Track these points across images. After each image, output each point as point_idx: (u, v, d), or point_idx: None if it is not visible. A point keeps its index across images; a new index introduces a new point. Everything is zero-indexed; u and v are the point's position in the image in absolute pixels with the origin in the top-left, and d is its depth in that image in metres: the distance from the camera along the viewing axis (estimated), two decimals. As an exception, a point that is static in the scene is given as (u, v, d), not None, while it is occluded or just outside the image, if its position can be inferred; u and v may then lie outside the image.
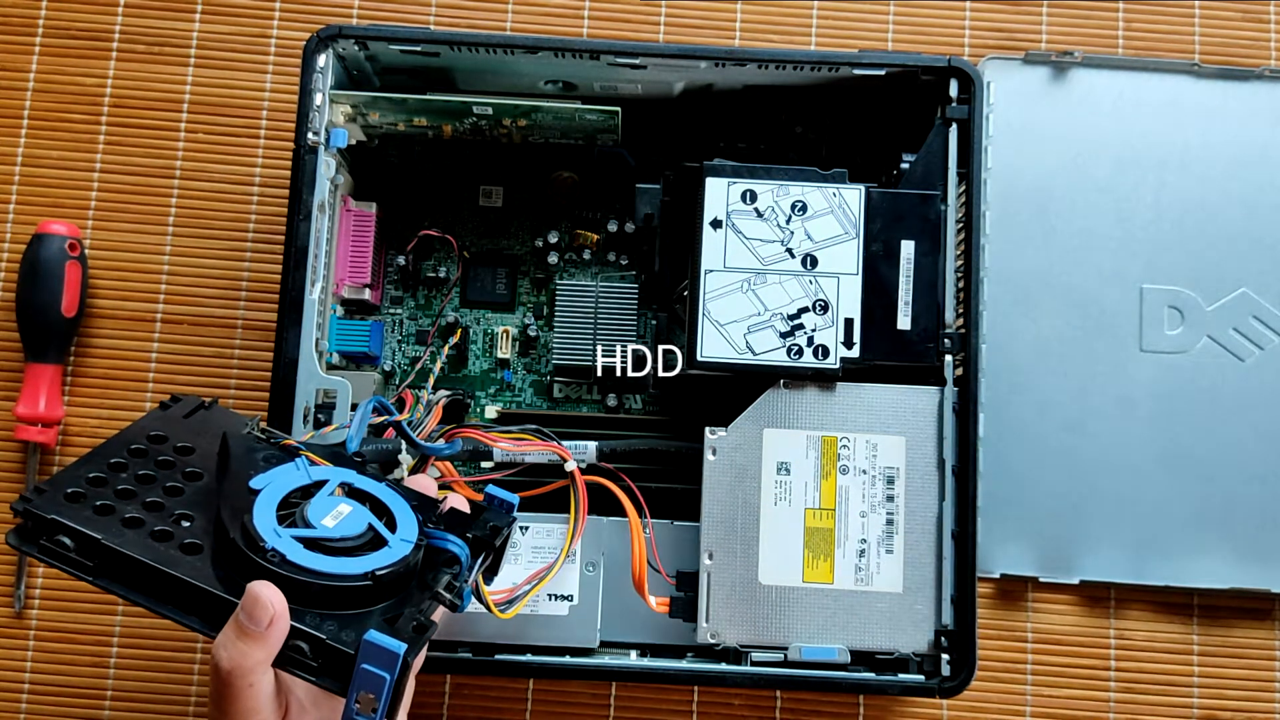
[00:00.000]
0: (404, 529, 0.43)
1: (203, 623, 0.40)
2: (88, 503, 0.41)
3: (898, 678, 0.54)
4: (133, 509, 0.42)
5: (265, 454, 0.46)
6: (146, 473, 0.44)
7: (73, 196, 0.67)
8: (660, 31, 0.69)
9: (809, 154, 0.63)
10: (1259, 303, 0.65)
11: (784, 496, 0.54)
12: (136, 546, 0.40)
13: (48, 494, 0.41)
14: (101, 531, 0.40)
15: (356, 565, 0.41)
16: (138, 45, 0.68)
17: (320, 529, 0.42)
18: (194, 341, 0.66)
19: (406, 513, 0.44)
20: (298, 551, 0.40)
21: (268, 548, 0.40)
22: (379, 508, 0.44)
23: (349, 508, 0.43)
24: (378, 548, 0.42)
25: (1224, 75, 0.67)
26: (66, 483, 0.42)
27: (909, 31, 0.69)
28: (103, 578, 0.40)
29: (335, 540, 0.41)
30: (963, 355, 0.55)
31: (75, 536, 0.40)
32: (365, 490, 0.45)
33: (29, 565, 0.64)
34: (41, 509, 0.40)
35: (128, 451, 0.44)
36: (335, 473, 0.45)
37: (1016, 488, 0.64)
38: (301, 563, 0.40)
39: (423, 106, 0.58)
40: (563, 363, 0.60)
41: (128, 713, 0.63)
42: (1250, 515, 0.63)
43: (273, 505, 0.42)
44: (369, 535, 0.42)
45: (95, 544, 0.40)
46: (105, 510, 0.41)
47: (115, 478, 0.43)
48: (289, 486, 0.43)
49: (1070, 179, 0.66)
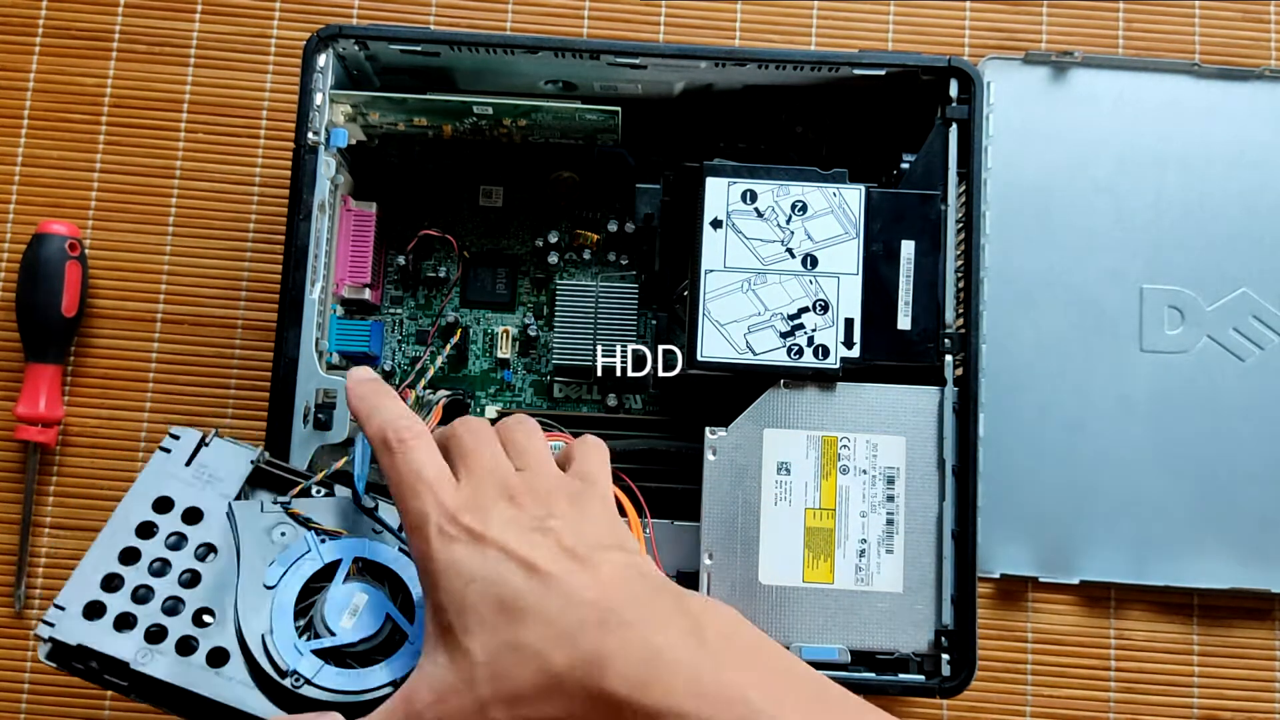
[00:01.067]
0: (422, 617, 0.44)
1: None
2: (107, 616, 0.42)
3: (898, 678, 0.54)
4: (152, 616, 0.42)
5: (276, 525, 0.45)
6: (159, 559, 0.44)
7: (73, 196, 0.67)
8: (660, 31, 0.69)
9: (809, 154, 0.63)
10: (1259, 303, 0.65)
11: (784, 496, 0.54)
12: (163, 667, 0.41)
13: (67, 612, 0.42)
14: (127, 654, 0.41)
15: (377, 677, 0.41)
16: (138, 45, 0.68)
17: (340, 634, 0.42)
18: (194, 341, 0.66)
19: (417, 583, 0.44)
20: (319, 671, 0.41)
21: (288, 670, 0.41)
22: (395, 585, 0.44)
23: (365, 596, 0.43)
24: (397, 643, 0.43)
25: (1224, 75, 0.67)
26: (84, 591, 0.42)
27: (909, 31, 0.69)
28: (140, 694, 0.41)
29: (354, 645, 0.42)
30: (963, 355, 0.55)
31: (102, 661, 0.41)
32: (380, 563, 0.45)
33: (29, 565, 0.64)
34: (65, 635, 0.41)
35: (136, 532, 0.44)
36: (347, 548, 0.45)
37: (1016, 488, 0.64)
38: (323, 683, 0.41)
39: (423, 106, 0.58)
40: (563, 363, 0.60)
41: (128, 713, 0.63)
42: (1250, 515, 0.63)
43: (290, 607, 0.42)
44: (387, 629, 0.43)
45: (124, 668, 0.41)
46: (126, 622, 0.42)
47: (129, 573, 0.43)
48: (304, 577, 0.43)
49: (1070, 179, 0.66)
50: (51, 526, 0.64)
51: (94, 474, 0.65)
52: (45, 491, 0.65)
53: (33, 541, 0.64)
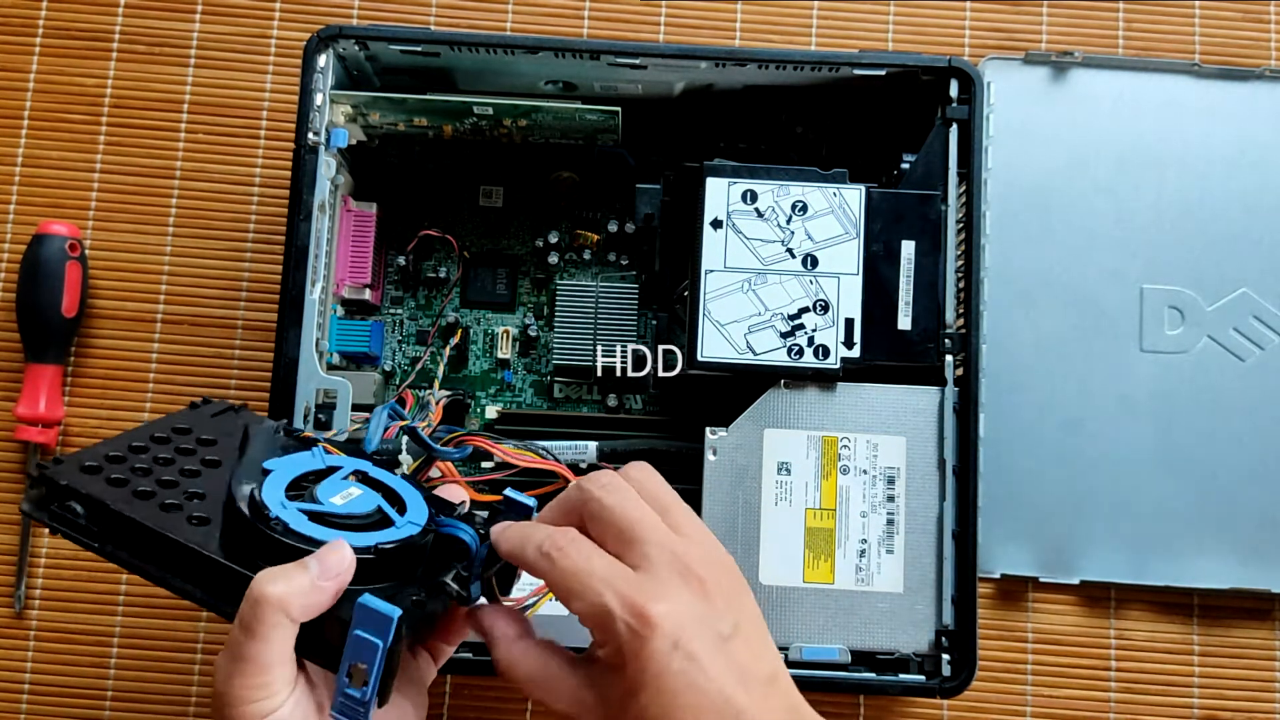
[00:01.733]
0: (413, 513, 0.43)
1: (205, 593, 0.39)
2: (102, 475, 0.42)
3: (898, 678, 0.54)
4: (146, 484, 0.42)
5: (284, 444, 0.46)
6: (165, 456, 0.44)
7: (73, 196, 0.67)
8: (660, 31, 0.69)
9: (809, 154, 0.63)
10: (1259, 303, 0.65)
11: (784, 496, 0.54)
12: (143, 513, 0.40)
13: (66, 463, 0.42)
14: (111, 499, 0.40)
15: (361, 539, 0.40)
16: (138, 45, 0.68)
17: (327, 505, 0.41)
18: (194, 341, 0.66)
19: (418, 501, 0.44)
20: (302, 522, 0.40)
21: (271, 515, 0.40)
22: (391, 496, 0.44)
23: (359, 491, 0.43)
24: (384, 527, 0.41)
25: (1224, 75, 0.67)
26: (85, 457, 0.42)
27: (909, 31, 0.69)
28: (108, 545, 0.40)
29: (341, 517, 0.41)
30: (963, 355, 0.55)
31: (86, 503, 0.40)
32: (379, 480, 0.44)
33: (29, 565, 0.64)
34: (56, 475, 0.41)
35: (150, 438, 0.45)
36: (350, 461, 0.45)
37: (1016, 488, 0.64)
38: (305, 532, 0.39)
39: (423, 106, 0.58)
40: (563, 363, 0.60)
41: (128, 713, 0.63)
42: (1250, 515, 0.63)
43: (283, 483, 0.42)
44: (376, 516, 0.42)
45: (104, 510, 0.40)
46: (119, 483, 0.42)
47: (134, 457, 0.43)
48: (301, 469, 0.43)
49: (1070, 179, 0.66)
50: (51, 527, 0.64)
51: (94, 474, 0.65)
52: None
53: (33, 541, 0.64)
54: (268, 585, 0.36)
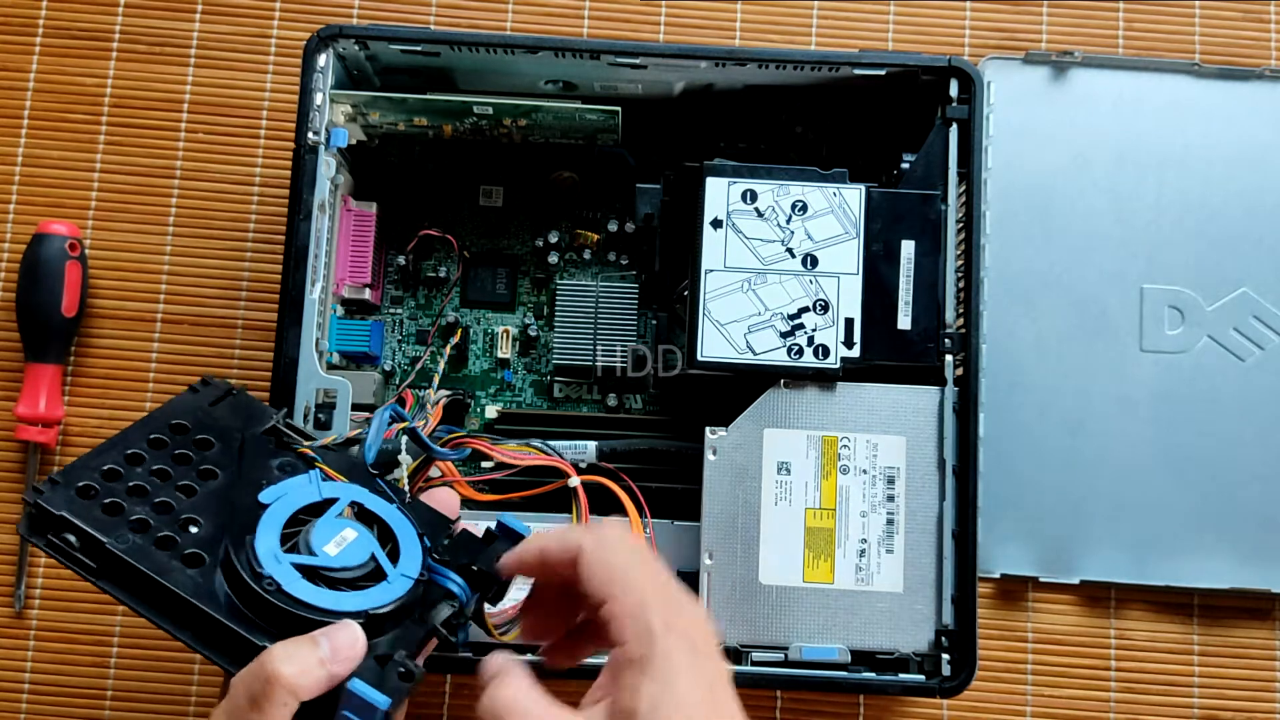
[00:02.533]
0: (407, 562, 0.43)
1: (194, 638, 0.39)
2: (98, 499, 0.41)
3: (898, 678, 0.54)
4: (142, 509, 0.42)
5: (281, 461, 0.46)
6: (161, 467, 0.44)
7: (73, 196, 0.67)
8: (660, 31, 0.69)
9: (809, 154, 0.63)
10: (1259, 303, 0.65)
11: (784, 496, 0.54)
12: (138, 554, 0.40)
13: (60, 487, 0.41)
14: (106, 534, 0.40)
15: (351, 602, 0.40)
16: (138, 45, 0.68)
17: (321, 556, 0.41)
18: (194, 341, 0.66)
19: (412, 543, 0.44)
20: (294, 581, 0.40)
21: (264, 574, 0.40)
22: (386, 532, 0.44)
23: (354, 533, 0.43)
24: (377, 581, 0.41)
25: (1224, 75, 0.67)
26: (80, 475, 0.42)
27: (909, 31, 0.69)
28: (104, 580, 0.40)
29: (335, 570, 0.41)
30: (963, 355, 0.55)
31: (80, 535, 0.40)
32: (375, 513, 0.44)
33: (29, 565, 0.64)
34: (51, 504, 0.40)
35: (147, 442, 0.44)
36: (346, 491, 0.45)
37: (1016, 488, 0.64)
38: (297, 594, 0.39)
39: (423, 106, 0.58)
40: (563, 363, 0.60)
41: (128, 713, 0.63)
42: (1250, 515, 0.63)
43: (278, 524, 0.42)
44: (370, 567, 0.42)
45: (98, 546, 0.40)
46: (114, 509, 0.41)
47: (130, 472, 0.43)
48: (298, 504, 0.43)
49: (1070, 179, 0.66)
50: (51, 526, 0.64)
51: (94, 474, 0.65)
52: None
53: (33, 541, 0.64)
54: (282, 665, 0.36)
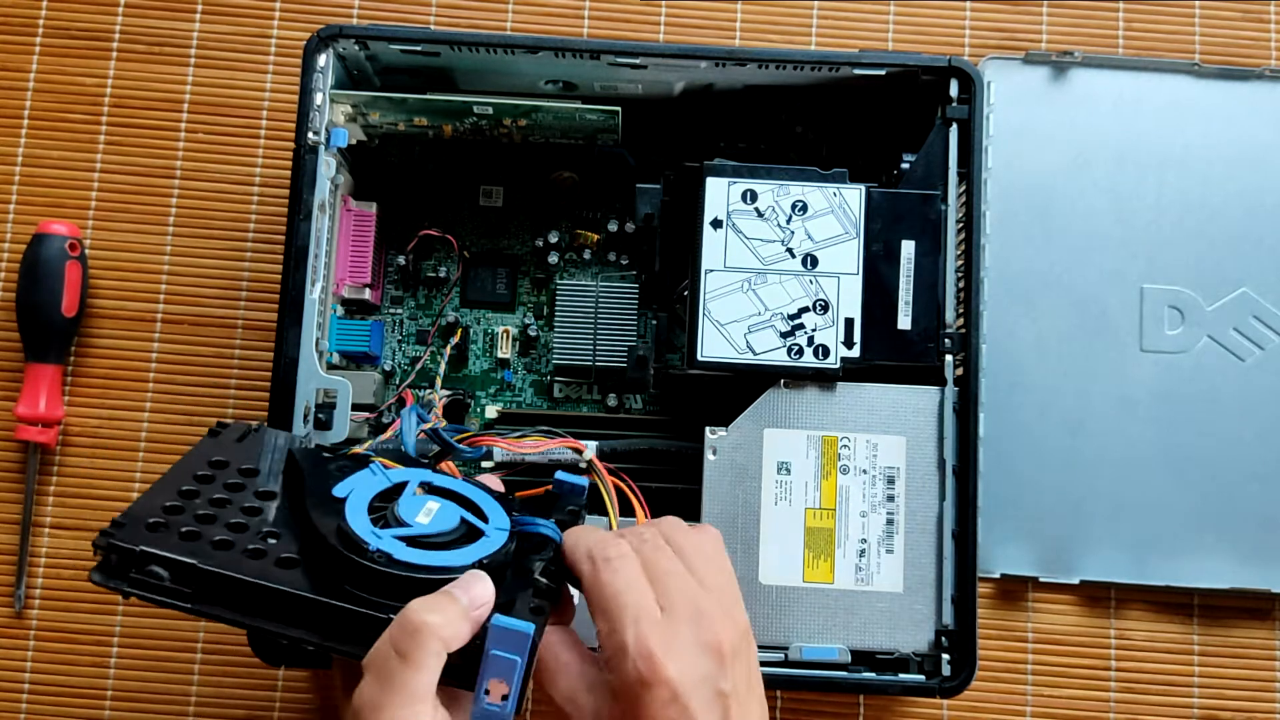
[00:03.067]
0: (495, 519, 0.43)
1: (310, 632, 0.39)
2: (172, 531, 0.40)
3: (898, 678, 0.54)
4: (218, 532, 0.41)
5: (336, 464, 0.46)
6: (220, 497, 0.43)
7: (73, 196, 0.67)
8: (660, 31, 0.69)
9: (809, 154, 0.63)
10: (1259, 303, 0.65)
11: (784, 496, 0.54)
12: (233, 566, 0.39)
13: (128, 527, 0.40)
14: (197, 556, 0.39)
15: (462, 557, 0.40)
16: (138, 45, 0.68)
17: (417, 526, 0.41)
18: (194, 341, 0.66)
19: (492, 503, 0.44)
20: (402, 550, 0.40)
21: (371, 549, 0.39)
22: (463, 502, 0.44)
23: (437, 504, 0.43)
24: (475, 539, 0.42)
25: (1224, 75, 0.67)
26: (144, 513, 0.41)
27: (909, 31, 0.69)
28: (202, 604, 0.39)
29: (434, 536, 0.41)
30: (963, 355, 0.55)
31: (170, 566, 0.39)
32: (446, 487, 0.45)
33: (29, 565, 0.64)
34: (128, 541, 0.39)
35: (194, 478, 0.43)
36: (412, 473, 0.45)
37: (1016, 488, 0.64)
38: (411, 560, 0.39)
39: (423, 106, 0.58)
40: (563, 363, 0.60)
41: (128, 713, 0.63)
42: (1250, 515, 0.63)
43: (363, 509, 0.42)
44: (464, 529, 0.42)
45: (193, 570, 0.39)
46: (191, 536, 0.40)
47: (191, 504, 0.42)
48: (372, 491, 0.43)
49: (1070, 179, 0.66)
50: (51, 526, 0.64)
51: (94, 474, 0.65)
52: (45, 491, 0.65)
53: (33, 541, 0.64)
54: (427, 615, 0.37)
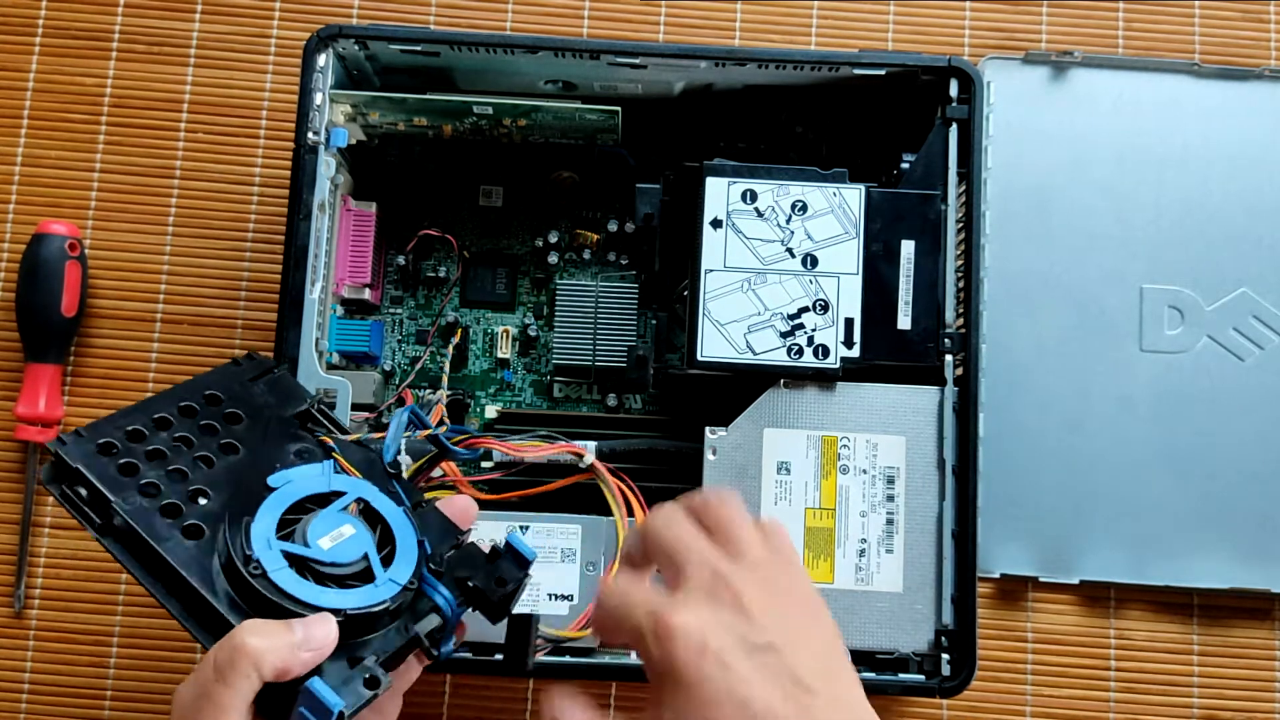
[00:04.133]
0: (400, 567, 0.42)
1: (180, 609, 0.40)
2: (116, 457, 0.42)
3: (898, 677, 0.54)
4: (155, 474, 0.43)
5: (300, 446, 0.46)
6: (185, 435, 0.45)
7: (73, 196, 0.67)
8: (660, 31, 0.69)
9: (809, 154, 0.63)
10: (1259, 303, 0.65)
11: (784, 496, 0.54)
12: (139, 517, 0.41)
13: (83, 440, 0.42)
14: (114, 492, 0.41)
15: (333, 599, 0.40)
16: (138, 45, 0.68)
17: (314, 549, 0.41)
18: (194, 341, 0.66)
19: (410, 548, 0.43)
20: (280, 570, 0.40)
21: (254, 556, 0.40)
22: (385, 537, 0.44)
23: (352, 530, 0.43)
24: (365, 581, 0.41)
25: (1224, 75, 0.67)
26: (105, 431, 0.43)
27: (909, 31, 0.69)
28: (107, 538, 0.41)
29: (324, 564, 0.41)
30: (963, 355, 0.55)
31: (91, 490, 0.41)
32: (378, 512, 0.44)
33: (29, 565, 0.64)
34: (69, 455, 0.42)
35: (178, 408, 0.45)
36: (355, 486, 0.45)
37: (1016, 488, 0.64)
38: (280, 583, 0.40)
39: (423, 106, 0.58)
40: (563, 363, 0.60)
41: (128, 713, 0.63)
42: (1250, 515, 0.63)
43: (279, 509, 0.42)
44: (360, 565, 0.42)
45: (105, 503, 0.41)
46: (129, 470, 0.42)
47: (154, 435, 0.44)
48: (303, 492, 0.43)
49: (1070, 179, 0.66)
50: (51, 526, 0.64)
51: (94, 474, 0.65)
52: (45, 491, 0.65)
53: (32, 541, 0.64)
54: (250, 637, 0.37)
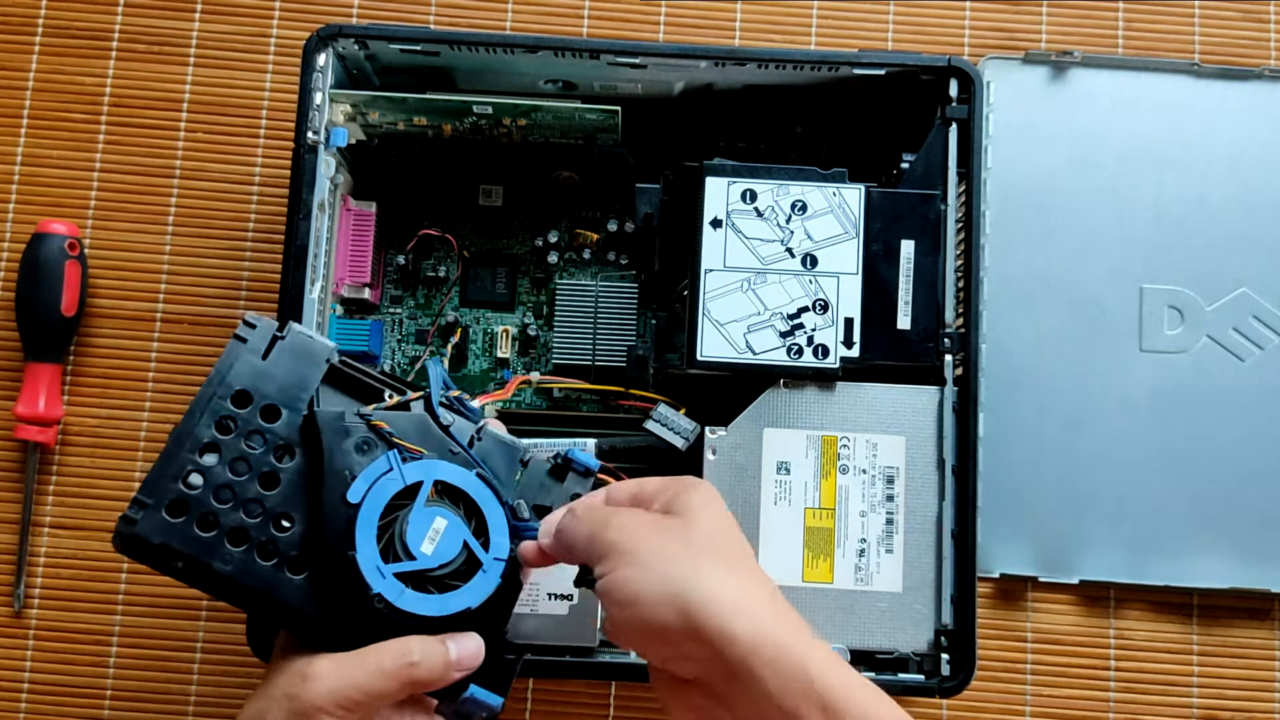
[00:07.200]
0: (496, 542, 0.45)
1: (303, 634, 0.44)
2: (191, 515, 0.43)
3: (897, 677, 0.54)
4: (234, 516, 0.43)
5: (358, 440, 0.45)
6: (238, 454, 0.45)
7: (73, 196, 0.67)
8: (660, 31, 0.69)
9: (809, 154, 0.63)
10: (1259, 303, 0.65)
11: (784, 496, 0.54)
12: (242, 572, 0.43)
13: (149, 510, 0.43)
14: (209, 557, 0.43)
15: (455, 602, 0.44)
16: (138, 45, 0.68)
17: (420, 560, 0.44)
18: (194, 341, 0.66)
19: (495, 512, 0.46)
20: (401, 594, 0.43)
21: (373, 592, 0.43)
22: (470, 510, 0.45)
23: (444, 521, 0.44)
24: (474, 571, 0.44)
25: (1224, 75, 0.67)
26: (164, 489, 0.43)
27: (909, 31, 0.69)
28: (211, 590, 0.43)
29: (434, 570, 0.44)
30: (963, 355, 0.55)
31: (186, 560, 0.43)
32: (457, 487, 0.46)
33: (29, 565, 0.64)
34: (147, 534, 0.42)
35: (215, 426, 0.45)
36: (427, 469, 0.45)
37: (1016, 488, 0.64)
38: (406, 609, 0.43)
39: (423, 106, 0.58)
40: (562, 362, 0.60)
41: (128, 713, 0.63)
42: (1250, 515, 0.63)
43: (372, 527, 0.43)
44: (464, 556, 0.44)
45: (206, 569, 0.43)
46: (209, 524, 0.43)
47: (210, 472, 0.44)
48: (386, 498, 0.44)
49: (1070, 179, 0.66)
50: (51, 526, 0.64)
51: (94, 474, 0.65)
52: (45, 491, 0.65)
53: (32, 541, 0.64)
54: (416, 657, 0.42)
